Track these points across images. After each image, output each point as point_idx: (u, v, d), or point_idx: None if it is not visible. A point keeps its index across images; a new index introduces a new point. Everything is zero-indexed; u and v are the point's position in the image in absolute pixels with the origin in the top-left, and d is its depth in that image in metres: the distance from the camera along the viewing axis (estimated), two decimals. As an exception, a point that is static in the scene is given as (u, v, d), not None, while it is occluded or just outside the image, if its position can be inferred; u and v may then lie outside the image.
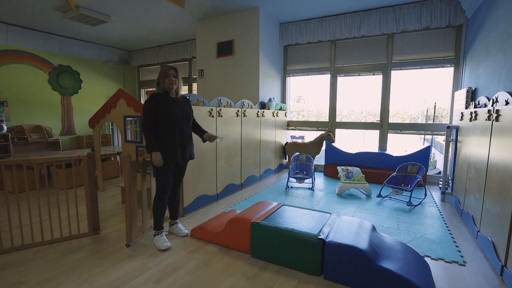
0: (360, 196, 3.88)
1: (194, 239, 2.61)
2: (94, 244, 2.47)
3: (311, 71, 5.55)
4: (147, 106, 2.33)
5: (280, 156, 5.63)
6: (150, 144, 2.31)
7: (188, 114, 2.50)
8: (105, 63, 7.45)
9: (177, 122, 2.38)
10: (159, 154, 2.31)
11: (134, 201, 2.47)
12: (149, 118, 2.32)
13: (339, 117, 5.49)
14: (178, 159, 2.42)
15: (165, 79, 2.34)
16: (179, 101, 2.44)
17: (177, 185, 2.65)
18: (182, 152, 2.44)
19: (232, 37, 5.10)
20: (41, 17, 5.14)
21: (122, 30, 5.94)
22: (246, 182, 4.37)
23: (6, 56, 5.63)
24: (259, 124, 4.68)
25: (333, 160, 5.13)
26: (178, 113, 2.39)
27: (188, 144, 2.50)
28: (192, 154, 2.61)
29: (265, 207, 2.63)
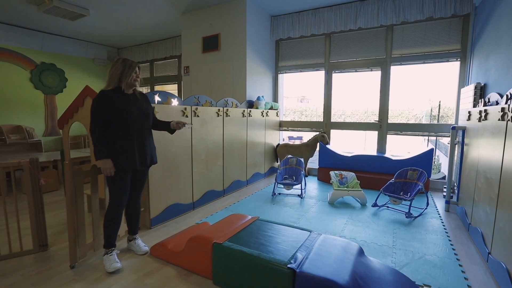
0: (354, 205, 3.48)
1: (153, 258, 2.24)
2: (35, 265, 2.12)
3: (304, 67, 5.16)
4: (96, 105, 1.97)
5: (271, 159, 5.24)
6: (99, 149, 1.95)
7: (146, 113, 2.17)
8: (93, 60, 7.15)
9: (134, 123, 2.05)
10: (109, 162, 1.97)
11: (80, 214, 2.11)
12: (99, 119, 1.96)
13: (335, 117, 5.09)
14: (136, 165, 2.08)
15: (132, 74, 2.05)
16: (136, 98, 2.12)
17: (137, 195, 2.30)
18: (141, 157, 2.12)
19: (218, 31, 4.73)
20: (15, 11, 4.83)
21: (105, 25, 5.62)
22: (229, 188, 4.00)
23: None
24: (245, 125, 4.31)
25: (327, 164, 4.72)
26: (135, 112, 2.07)
27: (148, 147, 2.18)
28: (154, 158, 2.28)
29: (235, 222, 2.25)
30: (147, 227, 2.79)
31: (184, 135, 3.10)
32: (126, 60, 2.07)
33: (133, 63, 2.08)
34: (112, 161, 1.99)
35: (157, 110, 2.72)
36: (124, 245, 2.41)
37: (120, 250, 2.33)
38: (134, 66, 2.07)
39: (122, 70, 2.03)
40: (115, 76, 2.03)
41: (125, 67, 2.03)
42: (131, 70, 2.04)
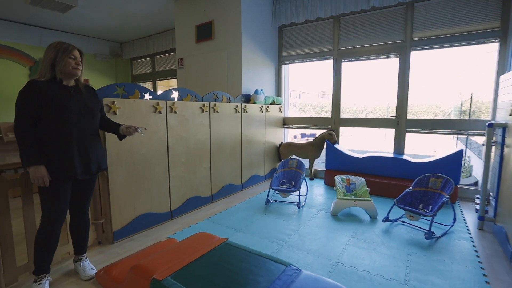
0: (361, 218, 2.89)
1: (98, 286, 1.83)
2: (-42, 290, 1.78)
3: (310, 56, 4.56)
4: (23, 98, 1.57)
5: (274, 160, 4.72)
6: (26, 153, 1.55)
7: (91, 110, 1.78)
8: (94, 56, 6.95)
9: (73, 121, 1.66)
10: (41, 169, 1.57)
11: (6, 233, 1.73)
12: (26, 115, 1.56)
13: (345, 113, 4.47)
14: (77, 174, 1.68)
15: (67, 60, 1.64)
16: (78, 92, 1.72)
17: (81, 209, 1.90)
18: (83, 164, 1.73)
19: (212, 18, 4.26)
20: (5, 4, 4.64)
21: (99, 16, 5.34)
22: (219, 193, 3.54)
23: None
24: (239, 122, 3.82)
25: (335, 166, 4.13)
26: (75, 108, 1.67)
27: (93, 152, 1.79)
28: (103, 165, 1.89)
29: (195, 246, 1.78)
30: (109, 242, 2.40)
31: (157, 133, 2.67)
32: (61, 43, 1.66)
33: (70, 46, 1.67)
34: (46, 168, 1.59)
35: (118, 106, 2.30)
36: (71, 266, 2.02)
37: (65, 273, 1.94)
38: (70, 49, 1.66)
39: (55, 55, 1.62)
40: (47, 63, 1.63)
41: (58, 51, 1.63)
42: (65, 54, 1.64)
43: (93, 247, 2.31)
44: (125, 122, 2.37)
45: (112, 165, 2.31)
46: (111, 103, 2.26)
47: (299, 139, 9.43)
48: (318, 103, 16.43)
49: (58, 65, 1.62)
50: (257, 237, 2.48)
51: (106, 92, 2.32)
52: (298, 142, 4.59)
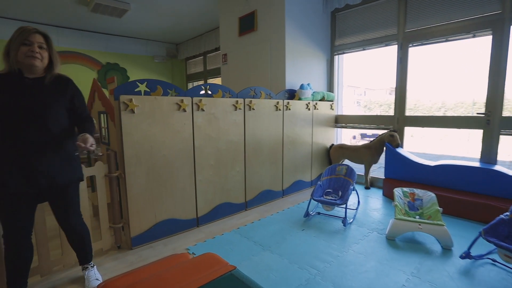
0: (429, 248, 2.20)
1: (99, 301, 1.67)
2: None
3: (369, 43, 3.85)
4: None
5: (323, 163, 4.16)
6: None
7: (48, 109, 1.47)
8: (152, 58, 7.34)
9: (15, 123, 1.40)
10: None
11: (42, 227, 1.71)
12: None
13: (413, 110, 3.64)
14: (10, 187, 1.40)
15: (20, 47, 1.40)
16: (39, 85, 1.47)
17: (65, 222, 1.67)
18: (22, 175, 1.42)
19: (255, 7, 3.92)
20: (73, 14, 5.12)
21: (151, 18, 5.51)
22: (255, 200, 3.19)
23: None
24: (281, 120, 3.40)
25: (396, 174, 3.38)
26: (26, 105, 1.42)
27: (44, 162, 1.46)
28: (62, 178, 1.54)
29: (193, 274, 1.46)
30: (128, 247, 2.27)
31: (181, 133, 2.45)
32: (21, 27, 1.43)
33: (26, 29, 1.41)
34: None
35: (136, 103, 2.14)
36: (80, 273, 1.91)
37: (72, 279, 1.85)
38: (25, 34, 1.40)
39: (8, 42, 1.42)
40: (3, 52, 1.43)
41: (12, 38, 1.41)
42: (18, 40, 1.39)
43: (111, 252, 2.21)
44: (144, 121, 2.21)
45: (130, 167, 2.17)
46: (128, 101, 2.11)
47: (359, 140, 8.45)
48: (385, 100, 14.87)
49: (11, 54, 1.40)
50: (285, 260, 2.06)
51: (127, 89, 2.18)
52: (352, 144, 3.94)
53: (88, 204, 2.06)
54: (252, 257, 2.10)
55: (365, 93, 24.40)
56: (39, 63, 1.45)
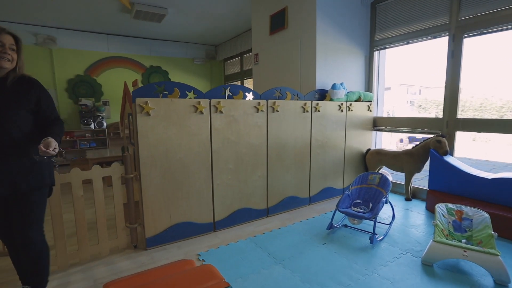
0: (476, 281, 1.82)
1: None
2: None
3: (414, 36, 3.40)
4: None
5: (357, 170, 3.82)
6: None
7: (7, 108, 1.38)
8: (192, 60, 7.57)
9: None
10: None
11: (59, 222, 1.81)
12: None
13: (466, 111, 3.11)
14: None
15: None
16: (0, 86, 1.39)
17: (22, 231, 1.47)
18: None
19: (285, 4, 3.74)
20: (117, 21, 5.49)
21: (189, 22, 5.66)
22: (277, 206, 3.04)
23: (108, 63, 6.48)
24: (309, 123, 3.18)
25: (442, 187, 2.92)
26: None
27: (5, 166, 1.38)
28: (23, 183, 1.42)
29: (187, 286, 1.38)
30: (143, 247, 2.31)
31: (198, 136, 2.41)
32: None
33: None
34: None
35: (151, 106, 2.15)
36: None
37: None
38: None
39: None
40: None
41: None
42: None
43: (127, 251, 2.26)
44: (160, 124, 2.22)
45: (146, 168, 2.19)
46: (144, 103, 2.13)
47: (406, 144, 7.65)
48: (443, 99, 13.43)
49: None
50: (297, 277, 1.87)
51: (145, 92, 2.21)
52: (391, 150, 3.53)
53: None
54: (261, 270, 1.96)
55: (420, 92, 22.21)
56: (8, 64, 1.39)
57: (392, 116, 3.80)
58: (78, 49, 6.09)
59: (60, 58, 5.94)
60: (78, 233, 2.01)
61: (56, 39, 5.74)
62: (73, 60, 6.08)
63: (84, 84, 6.25)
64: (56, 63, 5.92)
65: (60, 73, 5.99)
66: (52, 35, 5.71)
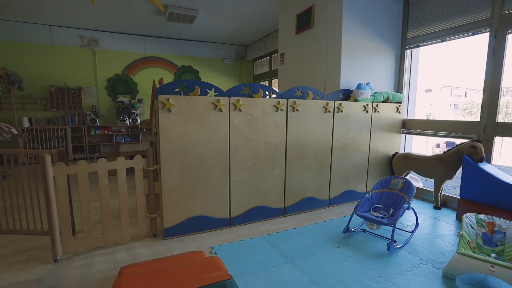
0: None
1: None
2: (33, 246, 2.21)
3: (450, 33, 3.17)
4: None
5: (383, 174, 3.65)
6: None
7: None
8: (222, 60, 7.75)
9: None
10: None
11: (62, 206, 2.00)
12: None
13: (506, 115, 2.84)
14: None
15: None
16: None
17: None
18: None
19: (312, 2, 3.69)
20: (154, 24, 5.80)
21: (220, 22, 5.80)
22: (295, 206, 3.01)
23: (144, 63, 6.88)
24: (331, 123, 3.11)
25: (476, 196, 2.69)
26: None
27: None
28: None
29: (190, 276, 1.44)
30: (161, 237, 2.43)
31: (217, 133, 2.48)
32: None
33: None
34: None
35: (173, 103, 2.26)
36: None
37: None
38: None
39: None
40: None
41: None
42: None
43: (147, 239, 2.40)
44: (180, 120, 2.32)
45: (166, 162, 2.31)
46: (166, 100, 2.24)
47: (443, 149, 7.13)
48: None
49: None
50: (305, 278, 1.85)
51: (167, 90, 2.32)
52: (420, 154, 3.33)
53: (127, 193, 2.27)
54: (270, 268, 1.97)
55: (465, 94, 20.50)
56: None
57: (427, 119, 3.57)
58: (118, 50, 6.55)
59: (101, 58, 6.43)
60: (103, 219, 2.17)
61: (99, 41, 6.23)
62: (113, 60, 6.55)
63: (121, 83, 6.70)
64: (98, 63, 6.42)
65: (101, 73, 6.48)
66: (96, 37, 6.20)
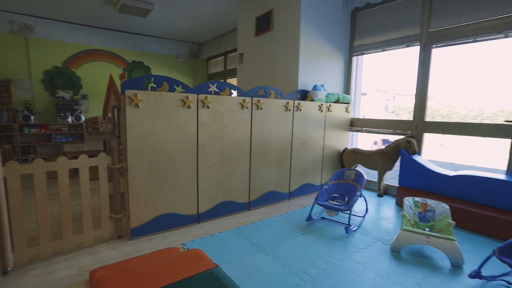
0: (436, 264, 2.04)
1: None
2: (-8, 262, 1.95)
3: (389, 44, 3.67)
4: None
5: (334, 167, 4.03)
6: None
7: None
8: (176, 57, 7.55)
9: None
10: None
11: (15, 212, 1.81)
12: None
13: (434, 116, 3.42)
14: None
15: None
16: None
17: None
18: None
19: (271, 7, 3.89)
20: (102, 14, 5.40)
21: (175, 18, 5.66)
22: (259, 200, 3.16)
23: (88, 55, 6.31)
24: (290, 121, 3.33)
25: (411, 183, 3.19)
26: None
27: None
28: None
29: (176, 268, 1.46)
30: (128, 237, 2.34)
31: (185, 129, 2.48)
32: None
33: None
34: None
35: (141, 98, 2.20)
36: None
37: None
38: None
39: None
40: None
41: None
42: None
43: (111, 241, 2.29)
44: (149, 116, 2.27)
45: (133, 160, 2.23)
46: (134, 95, 2.17)
47: (380, 146, 8.10)
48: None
49: None
50: (279, 263, 2.00)
51: (134, 84, 2.25)
52: (366, 149, 3.77)
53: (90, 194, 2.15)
54: (245, 258, 2.07)
55: (394, 98, 23.29)
56: None
57: (367, 118, 4.05)
58: (57, 39, 5.89)
59: (37, 48, 5.72)
60: (63, 222, 2.01)
61: (34, 28, 5.53)
62: (51, 51, 5.87)
63: (62, 76, 6.04)
64: (32, 53, 5.69)
65: (36, 64, 5.76)
66: (29, 24, 5.49)
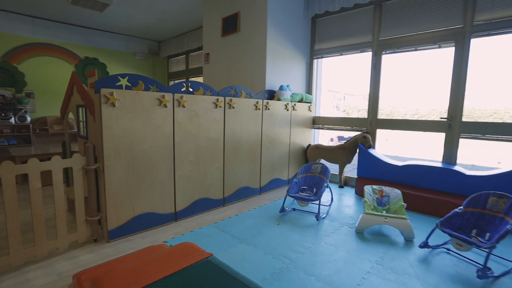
0: (393, 240, 2.38)
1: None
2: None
3: (346, 49, 4.06)
4: None
5: (299, 163, 4.31)
6: None
7: None
8: (133, 54, 7.22)
9: None
10: None
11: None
12: None
13: (385, 114, 3.88)
14: None
15: None
16: None
17: None
18: None
19: (238, 9, 4.02)
20: (52, 6, 4.97)
21: (134, 14, 5.45)
22: (232, 196, 3.27)
23: (33, 49, 5.72)
24: (260, 120, 3.50)
25: (368, 174, 3.59)
26: None
27: None
28: None
29: (173, 260, 1.52)
30: (105, 240, 2.28)
31: (162, 128, 2.49)
32: None
33: None
34: None
35: (117, 97, 2.16)
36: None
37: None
38: None
39: None
40: None
41: None
42: None
43: (88, 244, 2.21)
44: (125, 115, 2.24)
45: (109, 160, 2.18)
46: (109, 94, 2.13)
47: (336, 143, 8.78)
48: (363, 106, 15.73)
49: None
50: (261, 251, 2.15)
51: (108, 82, 2.20)
52: (327, 145, 4.12)
53: (64, 198, 2.05)
54: (228, 249, 2.17)
55: (344, 98, 25.03)
56: None
57: (327, 116, 4.42)
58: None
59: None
60: (35, 228, 1.90)
61: (-36, 16, 4.86)
62: (-14, 43, 5.22)
63: (1, 72, 5.40)
64: (-37, 45, 5.00)
65: None
66: (-41, 12, 4.81)
